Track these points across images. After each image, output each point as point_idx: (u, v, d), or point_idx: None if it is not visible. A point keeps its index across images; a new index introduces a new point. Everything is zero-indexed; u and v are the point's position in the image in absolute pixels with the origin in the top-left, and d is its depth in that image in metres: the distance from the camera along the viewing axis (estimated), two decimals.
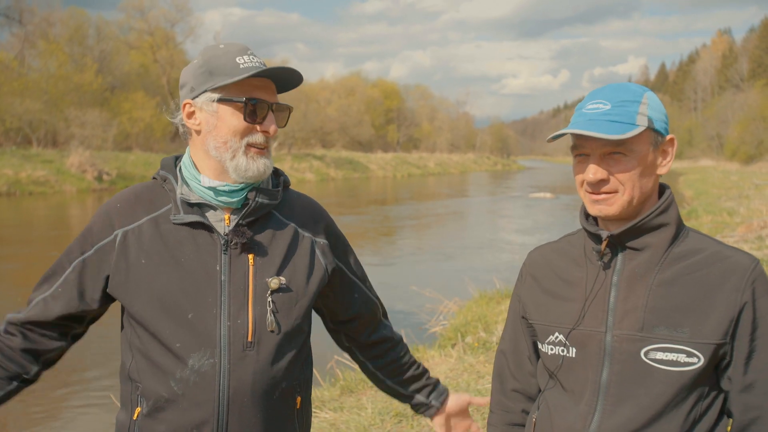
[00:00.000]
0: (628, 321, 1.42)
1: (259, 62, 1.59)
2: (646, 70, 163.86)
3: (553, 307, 1.55)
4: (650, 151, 1.42)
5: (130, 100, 45.87)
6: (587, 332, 1.47)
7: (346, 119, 69.46)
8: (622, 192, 1.42)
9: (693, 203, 23.75)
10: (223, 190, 1.59)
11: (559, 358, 1.52)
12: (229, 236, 1.58)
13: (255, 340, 1.56)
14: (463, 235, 18.91)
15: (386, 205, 28.05)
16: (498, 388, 1.74)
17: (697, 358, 1.37)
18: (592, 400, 1.45)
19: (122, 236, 1.60)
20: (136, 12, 53.90)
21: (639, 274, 1.44)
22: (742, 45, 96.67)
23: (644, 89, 1.46)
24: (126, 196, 1.66)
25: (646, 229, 1.44)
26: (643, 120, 1.40)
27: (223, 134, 1.56)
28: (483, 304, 8.24)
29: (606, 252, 1.47)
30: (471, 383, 5.15)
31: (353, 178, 49.24)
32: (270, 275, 1.59)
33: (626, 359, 1.42)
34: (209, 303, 1.55)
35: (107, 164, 32.75)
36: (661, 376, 1.39)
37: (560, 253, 1.61)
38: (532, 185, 44.48)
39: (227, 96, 1.55)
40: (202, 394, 1.53)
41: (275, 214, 1.67)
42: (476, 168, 77.73)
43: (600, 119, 1.41)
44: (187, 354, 1.53)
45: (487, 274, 11.41)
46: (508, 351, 1.71)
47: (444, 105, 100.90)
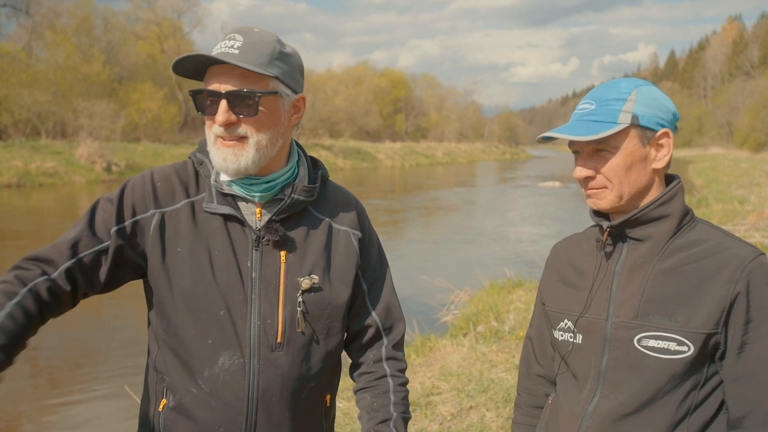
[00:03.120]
0: (625, 309, 1.47)
1: (229, 46, 1.45)
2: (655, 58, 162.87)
3: (565, 294, 1.61)
4: (638, 147, 1.46)
5: (138, 91, 45.83)
6: (592, 320, 1.52)
7: (353, 109, 69.28)
8: (611, 187, 1.48)
9: (703, 191, 23.61)
10: (243, 182, 1.53)
11: (568, 344, 1.58)
12: (261, 232, 1.53)
13: (284, 341, 1.52)
14: (472, 224, 18.87)
15: (395, 195, 28.01)
16: (524, 372, 1.81)
17: (687, 347, 1.40)
18: (593, 385, 1.51)
19: (159, 218, 1.52)
20: (143, 2, 53.88)
21: (639, 263, 1.49)
22: (753, 31, 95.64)
23: (637, 85, 1.49)
24: (165, 175, 1.57)
25: (646, 220, 1.48)
26: (626, 117, 1.44)
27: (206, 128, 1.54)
28: (494, 294, 8.23)
29: (608, 242, 1.53)
30: (484, 372, 5.14)
31: (361, 167, 49.18)
32: (302, 274, 1.54)
33: (622, 346, 1.46)
34: (240, 300, 1.50)
35: (116, 155, 32.76)
36: (652, 363, 1.42)
37: (578, 243, 1.66)
38: (540, 174, 44.32)
39: (191, 90, 1.52)
40: (231, 393, 1.49)
41: (310, 210, 1.62)
42: (484, 157, 77.48)
43: (584, 119, 1.48)
44: (217, 352, 1.49)
45: (497, 263, 11.39)
46: (534, 337, 1.77)
47: (452, 94, 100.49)
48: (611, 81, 1.54)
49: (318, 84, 68.34)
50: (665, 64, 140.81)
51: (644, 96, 1.47)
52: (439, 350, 6.23)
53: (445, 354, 6.03)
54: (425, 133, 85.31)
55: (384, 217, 19.92)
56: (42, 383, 6.55)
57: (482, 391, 4.73)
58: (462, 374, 5.17)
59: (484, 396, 4.65)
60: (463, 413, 4.46)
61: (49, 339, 7.67)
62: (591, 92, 1.55)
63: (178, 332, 1.51)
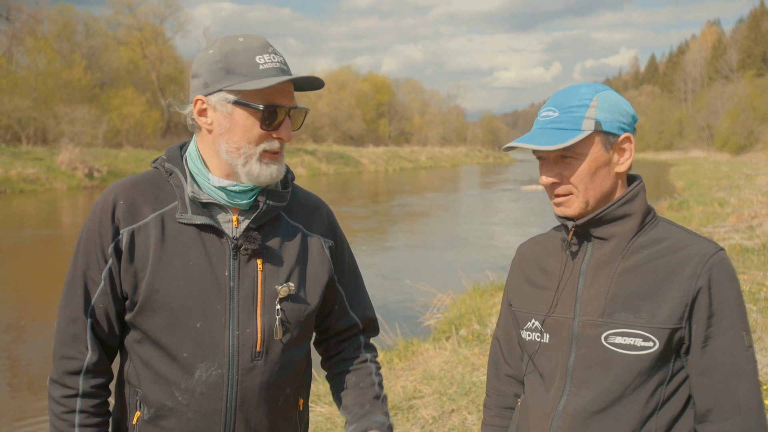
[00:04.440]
0: (591, 307, 1.49)
1: (279, 61, 1.49)
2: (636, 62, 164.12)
3: (532, 295, 1.62)
4: (602, 152, 1.48)
5: (120, 97, 45.54)
6: (559, 319, 1.54)
7: (337, 114, 69.27)
8: (577, 194, 1.50)
9: (684, 194, 23.85)
10: (233, 190, 1.52)
11: (535, 344, 1.59)
12: (239, 241, 1.51)
13: (263, 350, 1.51)
14: (456, 228, 18.93)
15: (379, 199, 28.02)
16: (493, 373, 1.81)
17: (652, 342, 1.42)
18: (561, 384, 1.52)
19: (129, 236, 1.48)
20: (124, 8, 53.59)
21: (604, 262, 1.51)
22: (731, 36, 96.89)
23: (597, 90, 1.50)
24: (127, 190, 1.52)
25: (609, 219, 1.50)
26: (589, 124, 1.46)
27: (236, 139, 1.47)
28: (476, 297, 8.26)
29: (573, 242, 1.55)
30: (466, 375, 5.17)
31: (345, 172, 49.15)
32: (279, 282, 1.53)
33: (589, 344, 1.48)
34: (218, 311, 1.48)
35: (98, 161, 32.53)
36: (619, 359, 1.44)
37: (543, 244, 1.68)
38: (523, 178, 44.54)
39: (244, 99, 1.45)
40: (209, 404, 1.49)
41: (283, 216, 1.61)
42: (468, 161, 77.77)
43: (547, 127, 1.50)
44: (194, 364, 1.47)
45: (480, 266, 11.43)
46: (501, 338, 1.77)
47: (435, 99, 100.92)
48: (570, 87, 1.55)
49: None
50: (646, 68, 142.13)
51: (605, 101, 1.49)
52: (421, 354, 6.25)
53: (428, 358, 6.05)
54: (408, 138, 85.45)
55: (367, 221, 19.93)
56: (22, 391, 6.49)
57: (464, 394, 4.76)
58: (444, 378, 5.19)
59: (465, 399, 4.67)
60: (445, 416, 4.48)
61: (29, 347, 7.60)
62: (552, 99, 1.55)
63: (153, 345, 1.49)
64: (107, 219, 1.50)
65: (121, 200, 1.51)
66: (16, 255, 14.29)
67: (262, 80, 1.44)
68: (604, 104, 1.48)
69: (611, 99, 1.50)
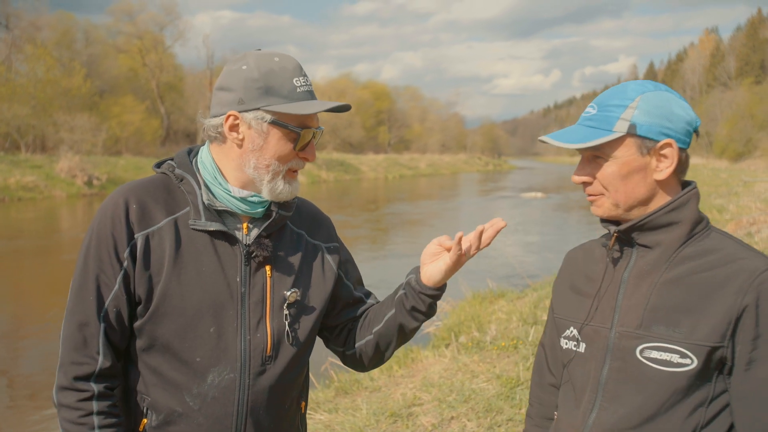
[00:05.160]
0: (629, 318, 1.41)
1: (309, 84, 1.55)
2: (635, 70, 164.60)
3: (573, 302, 1.57)
4: (635, 157, 1.40)
5: (120, 105, 45.66)
6: (596, 328, 1.47)
7: (336, 121, 69.29)
8: (607, 195, 1.44)
9: None
10: (252, 201, 1.55)
11: (571, 353, 1.53)
12: (251, 248, 1.54)
13: (273, 354, 1.55)
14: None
15: (378, 207, 28.04)
16: (536, 382, 1.74)
17: (690, 360, 1.33)
18: (591, 397, 1.45)
19: (143, 241, 1.48)
20: (124, 15, 53.84)
21: (646, 271, 1.43)
22: (729, 44, 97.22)
23: (644, 90, 1.41)
24: (138, 193, 1.52)
25: (654, 226, 1.42)
26: (622, 126, 1.39)
27: (267, 157, 1.51)
28: (476, 304, 8.26)
29: (615, 248, 1.48)
30: (465, 383, 5.16)
31: (345, 180, 49.20)
32: (287, 288, 1.58)
33: (624, 356, 1.40)
34: (230, 316, 1.51)
35: (97, 169, 32.56)
36: (654, 375, 1.36)
37: (591, 249, 1.62)
38: (523, 185, 44.58)
39: (281, 120, 1.50)
40: (221, 408, 1.50)
41: (288, 224, 1.66)
42: (467, 168, 77.81)
43: (583, 124, 1.45)
44: (207, 369, 1.49)
45: (479, 274, 11.42)
46: (547, 345, 1.70)
47: (435, 106, 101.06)
48: (622, 84, 1.47)
49: None
50: (644, 76, 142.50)
51: (649, 103, 1.39)
52: (421, 361, 6.24)
53: (427, 365, 6.04)
54: (408, 145, 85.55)
55: (367, 228, 19.93)
56: (20, 397, 6.47)
57: (463, 401, 4.75)
58: (443, 385, 5.18)
59: (465, 406, 4.66)
60: (445, 424, 4.47)
61: (27, 352, 7.59)
62: (600, 94, 1.48)
63: (164, 351, 1.50)
64: (121, 222, 1.48)
65: (133, 203, 1.50)
66: (15, 263, 14.28)
67: (304, 104, 1.50)
68: (646, 106, 1.39)
69: (657, 101, 1.40)
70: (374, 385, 5.59)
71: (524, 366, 5.38)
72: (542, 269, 11.45)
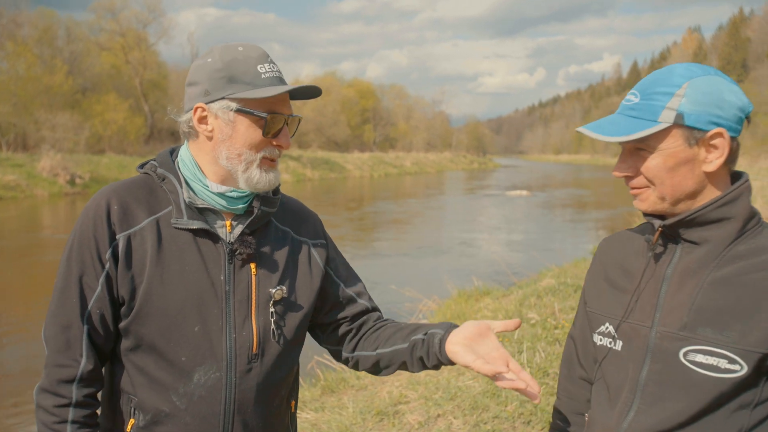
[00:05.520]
0: (672, 318, 1.33)
1: (277, 71, 1.54)
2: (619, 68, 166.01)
3: (609, 296, 1.48)
4: (683, 148, 1.30)
5: (102, 102, 45.22)
6: (634, 326, 1.40)
7: (321, 119, 69.30)
8: (653, 188, 1.34)
9: None
10: (231, 196, 1.54)
11: (605, 350, 1.46)
12: (234, 245, 1.53)
13: (259, 352, 1.54)
14: (441, 233, 18.96)
15: (364, 205, 28.02)
16: (565, 375, 1.66)
17: (739, 366, 1.25)
18: (628, 398, 1.38)
19: (125, 242, 1.48)
20: (107, 13, 53.25)
21: (693, 269, 1.34)
22: (712, 43, 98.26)
23: (692, 75, 1.30)
24: (120, 194, 1.52)
25: (703, 221, 1.32)
26: (668, 116, 1.29)
27: (237, 146, 1.50)
28: (462, 302, 8.28)
29: (659, 243, 1.40)
30: (451, 380, 5.16)
31: (330, 178, 49.13)
32: (272, 285, 1.57)
33: (665, 358, 1.33)
34: (215, 315, 1.50)
35: (80, 168, 32.22)
36: (699, 380, 1.28)
37: (629, 240, 1.52)
38: (508, 183, 44.78)
39: (247, 107, 1.48)
40: (208, 407, 1.50)
41: (272, 221, 1.64)
42: (453, 167, 78.00)
43: (624, 113, 1.35)
44: (192, 368, 1.49)
45: (465, 272, 11.46)
46: (577, 337, 1.63)
47: (420, 104, 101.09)
48: (667, 68, 1.35)
49: None
50: (628, 74, 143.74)
51: (697, 90, 1.29)
52: None
53: None
54: (393, 143, 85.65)
55: (353, 227, 19.91)
56: (1, 398, 6.39)
57: (450, 398, 4.75)
58: (430, 382, 5.19)
59: (451, 404, 4.67)
60: (431, 421, 4.47)
61: (7, 352, 7.50)
62: (644, 79, 1.37)
63: (149, 351, 1.49)
64: (102, 223, 1.48)
65: (115, 204, 1.50)
66: None
67: (266, 89, 1.48)
68: (694, 93, 1.28)
69: (707, 87, 1.29)
70: (360, 383, 5.58)
71: None
72: (527, 267, 11.50)
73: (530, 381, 1.39)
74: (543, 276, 9.52)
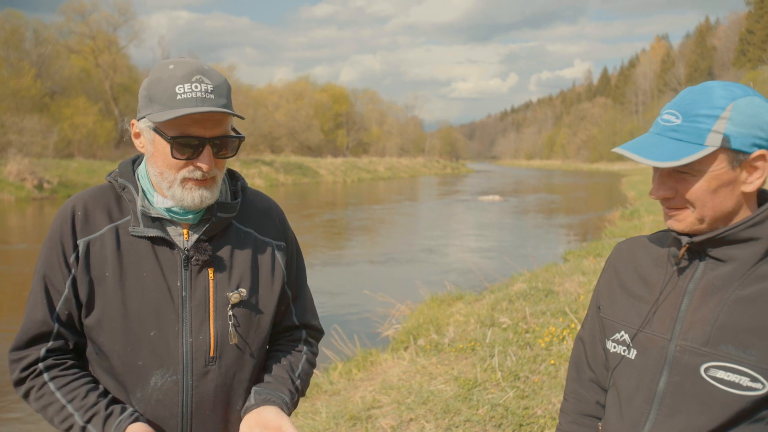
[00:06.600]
0: (694, 333, 1.34)
1: (203, 90, 1.46)
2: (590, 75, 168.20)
3: (625, 304, 1.49)
4: (726, 171, 1.30)
5: (72, 106, 44.56)
6: (651, 337, 1.40)
7: (294, 124, 69.11)
8: (692, 210, 1.34)
9: (635, 204, 24.46)
10: (176, 211, 1.56)
11: (618, 358, 1.47)
12: (190, 252, 1.56)
13: (217, 355, 1.56)
14: (414, 238, 19.02)
15: (337, 210, 27.99)
16: (574, 377, 1.67)
17: (761, 384, 1.26)
18: (644, 408, 1.40)
19: (84, 247, 1.54)
20: (76, 15, 52.53)
21: (717, 286, 1.34)
22: (679, 50, 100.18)
23: (734, 97, 1.29)
24: (84, 201, 1.58)
25: (731, 240, 1.33)
26: (715, 139, 1.27)
27: (159, 164, 1.52)
28: (434, 307, 8.32)
29: (684, 258, 1.40)
30: (424, 385, 5.20)
31: (303, 183, 48.96)
32: (230, 289, 1.59)
33: (686, 372, 1.34)
34: (171, 320, 1.53)
35: (48, 172, 31.70)
36: (719, 396, 1.30)
37: (646, 248, 1.52)
38: (480, 189, 45.07)
39: (160, 128, 1.48)
40: (165, 410, 1.54)
41: (234, 224, 1.65)
42: (426, 172, 78.25)
43: (666, 135, 1.33)
44: (149, 372, 1.52)
45: (437, 277, 11.51)
46: (586, 340, 1.64)
47: (393, 109, 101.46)
48: (705, 86, 1.34)
49: (259, 99, 67.94)
50: (599, 81, 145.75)
51: (741, 112, 1.28)
52: (380, 364, 6.27)
53: (386, 368, 6.07)
54: (366, 148, 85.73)
55: (326, 232, 19.88)
56: None
57: (422, 403, 4.78)
58: (402, 387, 5.21)
59: (423, 408, 4.70)
60: (404, 425, 4.49)
61: None
62: (679, 98, 1.36)
63: (110, 355, 1.53)
64: (68, 229, 1.54)
65: (79, 211, 1.56)
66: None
67: (169, 112, 1.45)
68: (739, 116, 1.28)
69: (750, 109, 1.29)
70: (333, 388, 5.59)
71: (482, 367, 5.44)
72: (499, 272, 11.60)
73: None
74: (515, 281, 9.60)
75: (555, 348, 5.79)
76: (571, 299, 7.51)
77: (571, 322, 6.36)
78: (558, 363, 5.42)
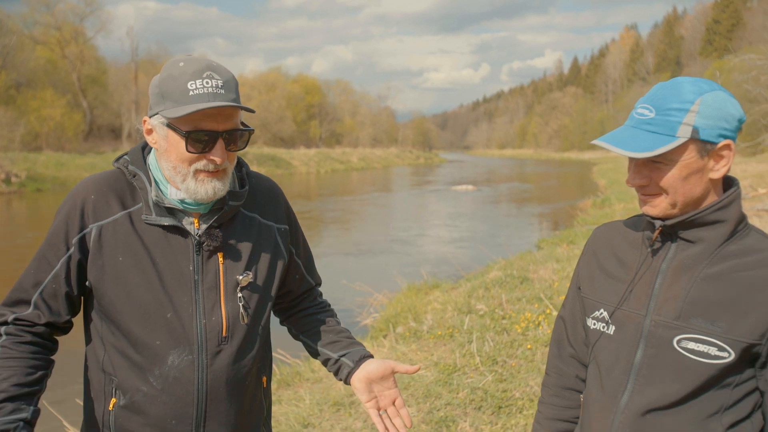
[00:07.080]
0: (667, 308, 1.46)
1: (214, 85, 1.52)
2: (561, 64, 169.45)
3: (604, 283, 1.60)
4: (695, 159, 1.42)
5: (38, 98, 43.79)
6: (628, 313, 1.52)
7: (267, 115, 68.63)
8: (665, 196, 1.45)
9: (606, 192, 24.85)
10: (189, 202, 1.63)
11: (598, 334, 1.59)
12: (202, 238, 1.63)
13: (229, 334, 1.65)
14: (389, 228, 19.12)
15: (311, 201, 27.96)
16: (555, 353, 1.79)
17: (727, 353, 1.39)
18: (622, 378, 1.51)
19: (97, 232, 1.60)
20: (41, 5, 51.49)
21: (687, 265, 1.47)
22: (648, 40, 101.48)
23: (702, 92, 1.41)
24: (99, 186, 1.64)
25: (700, 223, 1.45)
26: (686, 131, 1.39)
27: (172, 159, 1.57)
28: (411, 296, 8.44)
29: (657, 240, 1.52)
30: None
31: (276, 174, 48.72)
32: (239, 272, 1.67)
33: (660, 344, 1.46)
34: (185, 302, 1.61)
35: (15, 165, 31.14)
36: (691, 365, 1.42)
37: (622, 232, 1.64)
38: (453, 178, 45.31)
39: (174, 124, 1.54)
40: (182, 388, 1.61)
41: (240, 210, 1.73)
42: (399, 162, 78.32)
43: (641, 128, 1.45)
44: (166, 352, 1.59)
45: (414, 266, 11.62)
46: (567, 318, 1.76)
47: (366, 100, 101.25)
48: (674, 82, 1.46)
49: None
50: (569, 71, 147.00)
51: (708, 106, 1.40)
52: None
53: None
54: (340, 139, 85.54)
55: (300, 223, 19.86)
56: None
57: (403, 388, 4.89)
58: None
59: (405, 392, 4.80)
60: None
61: None
62: (652, 93, 1.48)
63: (127, 335, 1.61)
64: (76, 211, 1.61)
65: (92, 195, 1.63)
66: None
67: (182, 107, 1.51)
68: (707, 110, 1.40)
69: (716, 103, 1.41)
70: (315, 376, 5.67)
71: (460, 353, 5.57)
72: (474, 260, 11.76)
73: (405, 417, 1.76)
74: (490, 269, 9.76)
75: (531, 333, 5.94)
76: (546, 286, 7.68)
77: (547, 308, 6.51)
78: (534, 347, 5.57)
